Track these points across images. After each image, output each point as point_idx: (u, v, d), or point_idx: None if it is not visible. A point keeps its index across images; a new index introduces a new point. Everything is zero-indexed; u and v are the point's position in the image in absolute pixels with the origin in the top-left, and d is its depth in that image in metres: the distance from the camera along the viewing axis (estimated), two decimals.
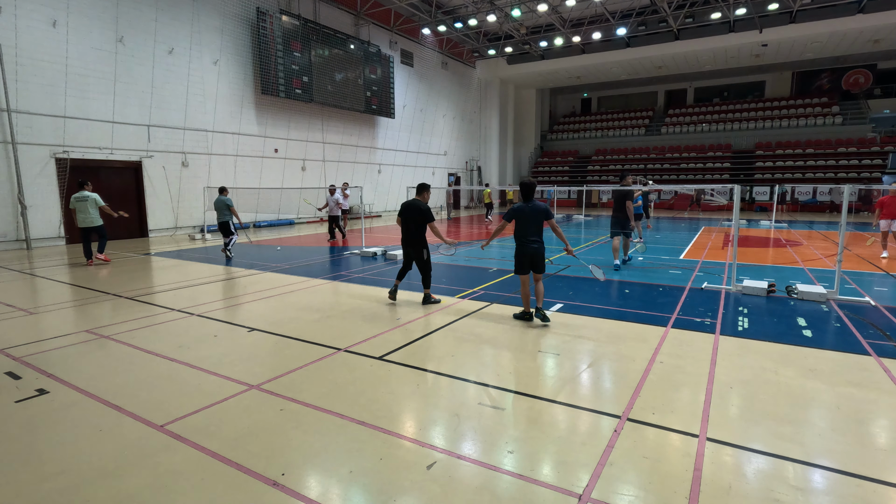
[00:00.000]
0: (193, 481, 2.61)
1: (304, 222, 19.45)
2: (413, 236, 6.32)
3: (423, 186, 6.46)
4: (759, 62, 27.62)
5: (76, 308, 6.36)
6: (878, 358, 4.37)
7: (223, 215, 10.51)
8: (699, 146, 30.88)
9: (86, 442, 3.03)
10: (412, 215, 6.29)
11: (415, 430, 3.18)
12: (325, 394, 3.69)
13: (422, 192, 6.44)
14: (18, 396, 3.68)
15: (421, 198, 6.41)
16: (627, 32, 24.36)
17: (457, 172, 30.22)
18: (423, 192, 6.43)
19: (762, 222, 18.82)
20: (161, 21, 14.20)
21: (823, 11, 21.26)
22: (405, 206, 6.38)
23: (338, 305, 6.41)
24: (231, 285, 7.71)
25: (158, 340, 5.02)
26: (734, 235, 7.49)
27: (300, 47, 18.09)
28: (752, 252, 11.13)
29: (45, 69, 11.93)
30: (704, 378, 3.95)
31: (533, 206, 5.42)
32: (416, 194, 6.50)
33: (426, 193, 6.44)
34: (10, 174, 11.58)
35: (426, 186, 6.47)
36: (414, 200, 6.37)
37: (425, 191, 6.44)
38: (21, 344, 4.89)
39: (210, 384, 3.89)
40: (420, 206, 6.28)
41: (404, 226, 6.38)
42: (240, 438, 3.04)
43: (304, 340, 4.98)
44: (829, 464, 2.75)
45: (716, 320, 5.60)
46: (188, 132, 15.29)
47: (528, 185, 5.48)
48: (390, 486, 2.56)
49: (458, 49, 28.37)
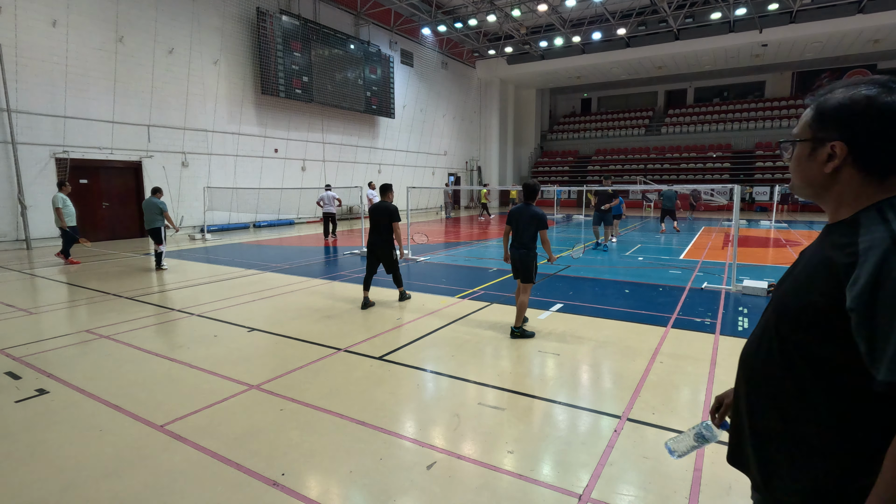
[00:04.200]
0: (193, 481, 2.61)
1: (304, 222, 19.45)
2: (384, 237, 6.37)
3: (386, 187, 6.52)
4: (759, 62, 27.62)
5: (76, 308, 6.36)
6: None
7: (154, 220, 9.12)
8: (699, 146, 30.88)
9: (86, 442, 3.03)
10: (381, 216, 6.35)
11: (415, 430, 3.18)
12: (325, 394, 3.69)
13: (386, 192, 6.49)
14: (18, 396, 3.68)
15: (386, 198, 6.47)
16: (627, 32, 24.37)
17: (457, 172, 30.22)
18: (388, 192, 6.49)
19: (762, 222, 18.82)
20: (161, 21, 14.20)
21: (823, 11, 21.25)
22: (373, 208, 6.43)
23: (338, 305, 6.41)
24: (231, 285, 7.71)
25: (158, 340, 5.01)
26: (734, 235, 7.50)
27: (300, 47, 18.08)
28: (752, 252, 11.13)
29: (45, 69, 11.93)
30: (704, 378, 3.95)
31: (530, 212, 5.12)
32: (380, 195, 6.53)
33: (390, 194, 6.51)
34: (10, 174, 11.58)
35: (389, 187, 6.54)
36: (382, 202, 6.44)
37: (389, 191, 6.51)
38: (21, 344, 4.89)
39: (210, 384, 3.89)
40: (388, 206, 6.36)
41: (374, 228, 6.40)
42: (240, 438, 3.04)
43: (304, 340, 4.98)
44: None
45: (716, 320, 5.60)
46: (188, 132, 15.29)
47: (531, 187, 5.38)
48: (390, 486, 2.56)
49: (458, 49, 28.37)
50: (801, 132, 1.09)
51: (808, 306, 0.99)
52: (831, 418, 0.98)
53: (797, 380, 1.03)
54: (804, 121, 1.09)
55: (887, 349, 0.84)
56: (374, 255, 6.43)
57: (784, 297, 1.09)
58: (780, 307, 1.09)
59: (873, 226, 0.94)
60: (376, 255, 6.42)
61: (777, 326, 1.07)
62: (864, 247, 0.92)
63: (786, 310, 1.06)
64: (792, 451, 1.04)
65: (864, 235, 0.94)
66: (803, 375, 1.01)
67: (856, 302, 0.88)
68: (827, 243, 1.03)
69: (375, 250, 6.40)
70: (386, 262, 6.43)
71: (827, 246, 1.02)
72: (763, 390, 1.11)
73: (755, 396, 1.13)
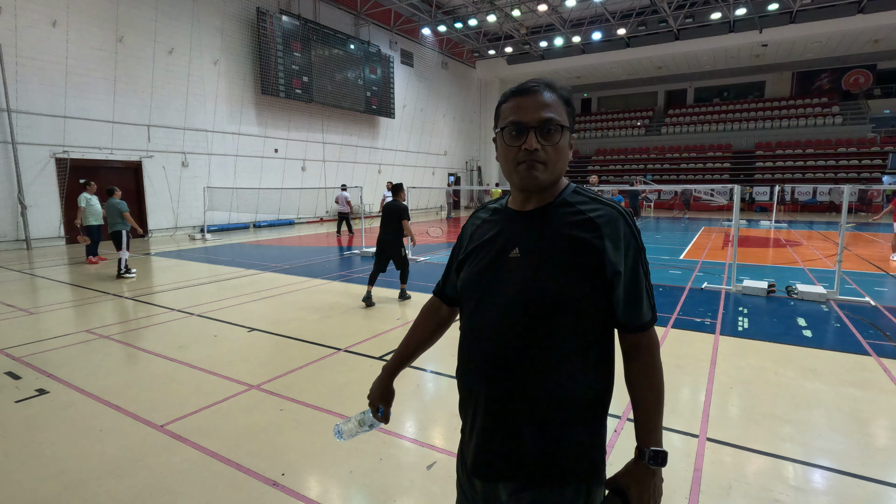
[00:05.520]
0: (193, 481, 2.61)
1: (304, 222, 19.45)
2: (392, 235, 6.46)
3: (398, 187, 6.67)
4: (759, 62, 27.60)
5: (76, 308, 6.36)
6: (878, 358, 4.37)
7: (115, 223, 8.44)
8: (699, 146, 30.86)
9: (86, 442, 3.02)
10: (390, 215, 6.46)
11: (415, 430, 3.18)
12: (325, 394, 3.69)
13: (398, 192, 6.64)
14: (18, 396, 3.68)
15: (398, 197, 6.61)
16: (627, 32, 24.36)
17: (457, 172, 30.22)
18: (399, 191, 6.65)
19: (762, 222, 18.82)
20: (161, 21, 14.20)
21: (823, 11, 21.24)
22: (385, 207, 6.57)
23: (338, 305, 6.41)
24: (231, 285, 7.71)
25: (158, 340, 5.01)
26: (734, 235, 7.50)
27: (300, 47, 18.08)
28: (752, 252, 11.13)
29: (45, 69, 11.93)
30: (704, 378, 3.95)
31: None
32: (393, 195, 6.67)
33: (402, 193, 6.67)
34: (10, 174, 11.58)
35: (400, 186, 6.70)
36: (394, 201, 6.57)
37: (400, 190, 6.67)
38: (21, 344, 4.89)
39: (210, 384, 3.89)
40: (398, 206, 6.50)
41: (384, 226, 6.50)
42: (240, 438, 3.04)
43: (304, 340, 4.98)
44: (829, 464, 2.75)
45: (716, 320, 5.60)
46: (188, 132, 15.29)
47: None
48: (390, 486, 2.56)
49: (458, 49, 28.36)
50: (562, 119, 1.13)
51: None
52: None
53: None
54: (561, 110, 1.13)
55: None
56: (383, 254, 6.50)
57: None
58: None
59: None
60: (386, 254, 6.49)
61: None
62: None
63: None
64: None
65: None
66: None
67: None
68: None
69: (385, 248, 6.47)
70: (395, 259, 6.52)
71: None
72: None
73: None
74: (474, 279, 1.19)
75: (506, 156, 1.14)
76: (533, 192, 1.15)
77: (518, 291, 1.10)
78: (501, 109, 1.16)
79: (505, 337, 1.11)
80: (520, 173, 1.12)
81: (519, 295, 1.10)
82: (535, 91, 1.12)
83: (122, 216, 8.50)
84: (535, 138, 1.09)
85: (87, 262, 9.78)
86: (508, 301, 1.11)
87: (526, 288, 1.10)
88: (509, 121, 1.12)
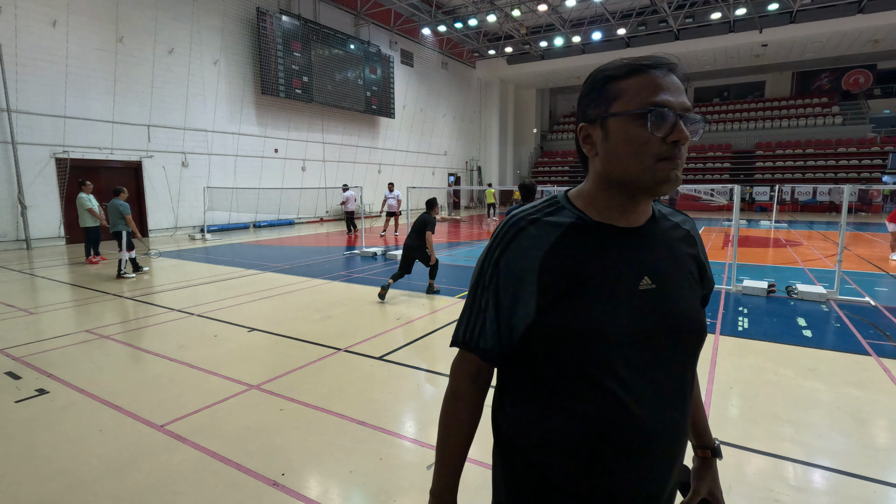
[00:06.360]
0: (193, 481, 2.61)
1: (304, 222, 19.45)
2: (419, 242, 6.92)
3: (431, 202, 7.20)
4: (759, 62, 27.60)
5: (76, 308, 6.36)
6: (878, 358, 4.37)
7: (116, 224, 8.50)
8: (699, 146, 30.86)
9: (86, 442, 3.02)
10: (419, 225, 6.95)
11: (415, 430, 3.18)
12: (325, 394, 3.69)
13: (431, 208, 7.18)
14: (18, 396, 3.68)
15: (432, 212, 7.15)
16: (627, 32, 24.36)
17: (457, 172, 30.22)
18: (433, 208, 7.19)
19: (762, 222, 18.82)
20: (161, 21, 14.19)
21: (823, 11, 21.25)
22: (418, 218, 7.09)
23: (338, 305, 6.41)
24: (231, 285, 7.71)
25: (158, 340, 5.01)
26: (734, 235, 7.50)
27: (300, 47, 18.08)
28: (752, 252, 11.13)
29: (45, 69, 11.93)
30: (704, 378, 3.95)
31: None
32: (427, 209, 7.20)
33: (436, 209, 7.21)
34: (10, 174, 11.58)
35: (434, 201, 7.23)
36: (426, 213, 7.12)
37: (434, 206, 7.20)
38: (21, 344, 4.89)
39: (210, 384, 3.89)
40: (427, 218, 6.99)
41: (413, 233, 7.02)
42: (240, 438, 3.04)
43: (304, 340, 4.98)
44: (829, 464, 2.75)
45: (716, 320, 5.60)
46: (188, 132, 15.28)
47: (528, 188, 5.46)
48: (390, 486, 2.56)
49: (458, 49, 28.36)
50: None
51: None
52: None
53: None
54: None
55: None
56: (411, 258, 6.94)
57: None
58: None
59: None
60: (413, 257, 6.94)
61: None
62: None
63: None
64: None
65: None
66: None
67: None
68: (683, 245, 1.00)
69: (411, 254, 6.90)
70: (422, 262, 6.99)
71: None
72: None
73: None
74: (595, 327, 0.86)
75: (640, 147, 0.84)
76: (654, 198, 0.94)
77: (671, 333, 0.90)
78: (625, 85, 0.87)
79: (667, 397, 0.90)
80: (661, 172, 0.85)
81: (676, 336, 0.91)
82: (673, 68, 0.89)
83: (122, 217, 8.51)
84: (684, 128, 0.84)
85: (87, 262, 9.78)
86: (663, 348, 0.90)
87: (676, 327, 0.91)
88: (657, 100, 0.84)
